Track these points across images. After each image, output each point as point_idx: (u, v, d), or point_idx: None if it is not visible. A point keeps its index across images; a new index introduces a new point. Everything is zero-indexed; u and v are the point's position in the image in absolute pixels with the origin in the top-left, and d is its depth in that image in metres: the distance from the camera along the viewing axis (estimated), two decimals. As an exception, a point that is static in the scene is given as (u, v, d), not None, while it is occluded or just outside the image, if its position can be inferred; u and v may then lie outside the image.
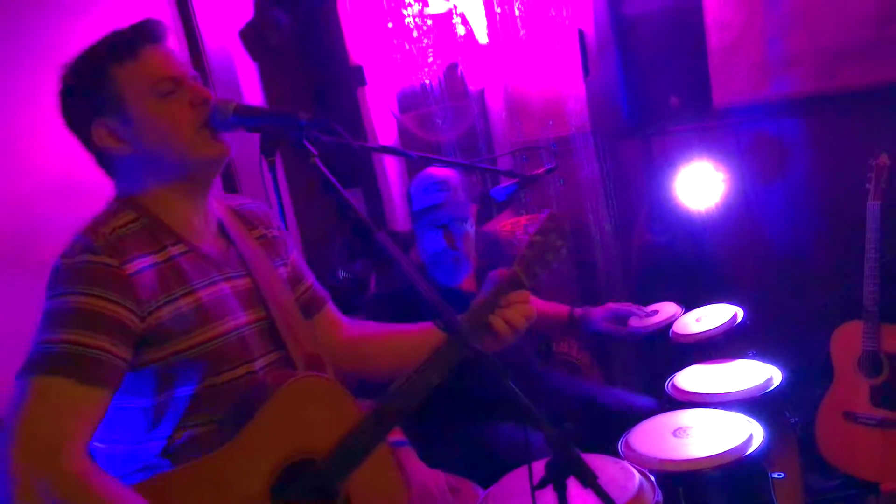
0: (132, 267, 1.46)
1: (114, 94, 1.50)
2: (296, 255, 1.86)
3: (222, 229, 1.68)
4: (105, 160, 1.57)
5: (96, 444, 1.53)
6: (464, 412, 2.50)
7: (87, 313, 1.39)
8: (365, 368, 1.93)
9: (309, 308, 1.86)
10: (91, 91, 1.51)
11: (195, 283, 1.54)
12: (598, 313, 2.85)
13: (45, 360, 1.37)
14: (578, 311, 2.90)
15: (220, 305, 1.57)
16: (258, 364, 1.61)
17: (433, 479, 2.06)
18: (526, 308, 1.71)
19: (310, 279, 1.88)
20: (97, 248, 1.44)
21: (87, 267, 1.43)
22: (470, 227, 2.60)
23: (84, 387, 1.37)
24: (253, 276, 1.65)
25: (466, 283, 2.64)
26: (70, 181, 2.36)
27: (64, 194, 2.37)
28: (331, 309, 1.92)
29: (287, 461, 1.51)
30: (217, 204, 1.71)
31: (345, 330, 1.93)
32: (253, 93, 3.44)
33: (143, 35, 1.53)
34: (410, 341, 1.84)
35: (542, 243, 1.75)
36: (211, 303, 1.55)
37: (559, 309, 2.95)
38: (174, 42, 3.01)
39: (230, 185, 3.20)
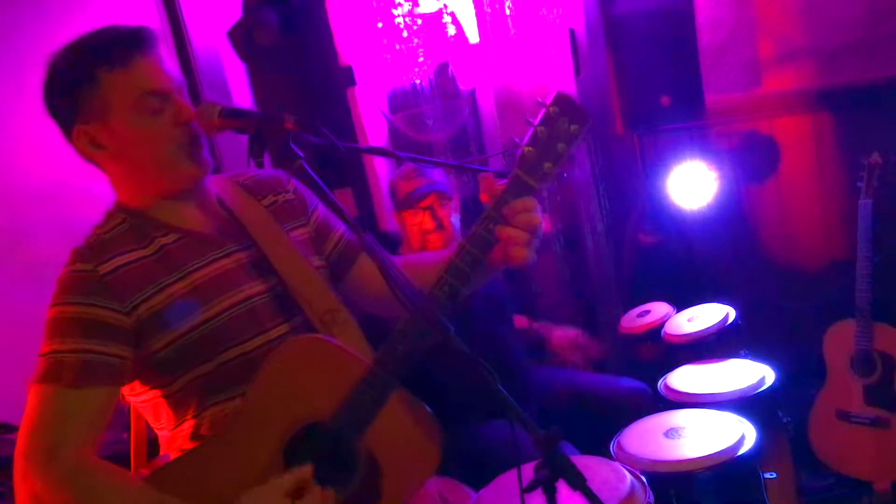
0: (107, 267, 1.50)
1: (99, 101, 1.50)
2: (322, 210, 1.80)
3: (222, 205, 1.67)
4: (88, 160, 1.59)
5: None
6: (455, 413, 2.49)
7: (70, 320, 1.46)
8: None
9: (344, 260, 1.79)
10: (76, 94, 1.51)
11: (191, 266, 1.56)
12: (557, 339, 2.93)
13: (41, 371, 1.45)
14: (536, 325, 2.97)
15: (222, 282, 1.57)
16: (274, 333, 1.60)
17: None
18: (531, 217, 1.44)
19: (339, 229, 1.80)
20: (76, 257, 1.52)
21: (66, 277, 1.50)
22: (455, 215, 2.65)
23: (78, 390, 1.43)
24: (259, 245, 1.63)
25: None
26: (56, 184, 2.35)
27: (49, 197, 2.36)
28: (366, 259, 1.78)
29: (294, 427, 1.48)
30: (220, 180, 1.72)
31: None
32: (241, 93, 3.42)
33: (135, 43, 1.52)
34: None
35: (549, 133, 1.42)
36: (210, 281, 1.56)
37: (518, 322, 2.98)
38: (163, 47, 3.00)
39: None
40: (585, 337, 2.93)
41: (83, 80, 1.49)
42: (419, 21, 3.59)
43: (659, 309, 2.97)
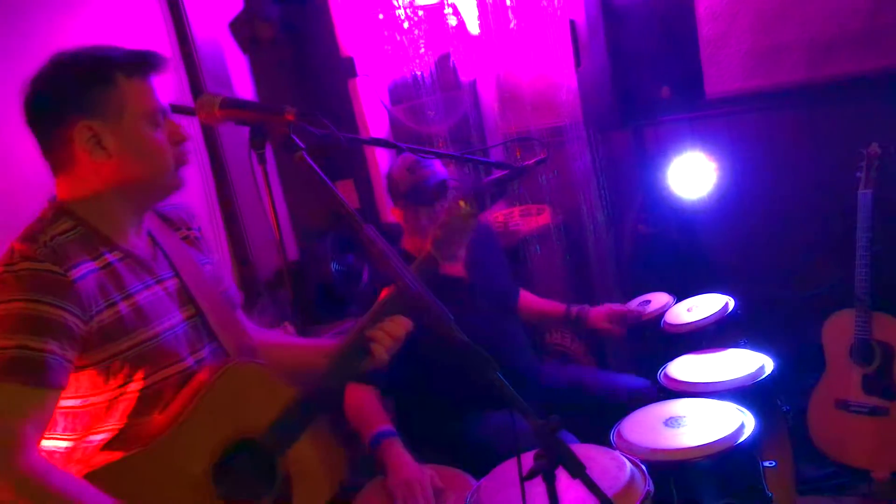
0: (76, 273, 1.51)
1: (116, 101, 1.55)
2: (216, 257, 1.95)
3: (150, 234, 1.75)
4: (64, 157, 1.59)
5: (53, 439, 1.62)
6: (457, 403, 2.50)
7: (34, 318, 1.45)
8: None
9: None
10: (93, 88, 1.55)
11: (132, 288, 1.62)
12: (598, 314, 2.86)
13: None
14: (575, 308, 2.91)
15: (156, 307, 1.65)
16: (192, 359, 1.69)
17: (417, 474, 2.06)
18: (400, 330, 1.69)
19: (226, 282, 1.93)
20: (39, 255, 1.49)
21: (30, 274, 1.47)
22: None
23: (33, 390, 1.44)
24: (180, 275, 1.73)
25: (457, 269, 2.64)
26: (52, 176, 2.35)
27: (47, 189, 2.36)
28: (238, 316, 1.98)
29: (228, 442, 1.60)
30: None
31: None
32: (244, 85, 3.43)
33: (153, 62, 1.61)
34: (297, 357, 1.95)
35: (454, 221, 1.71)
36: (147, 305, 1.63)
37: (555, 307, 2.96)
38: (166, 47, 3.01)
39: (221, 177, 3.20)
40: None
41: (104, 78, 1.55)
42: (420, 12, 3.60)
43: (659, 299, 2.97)
